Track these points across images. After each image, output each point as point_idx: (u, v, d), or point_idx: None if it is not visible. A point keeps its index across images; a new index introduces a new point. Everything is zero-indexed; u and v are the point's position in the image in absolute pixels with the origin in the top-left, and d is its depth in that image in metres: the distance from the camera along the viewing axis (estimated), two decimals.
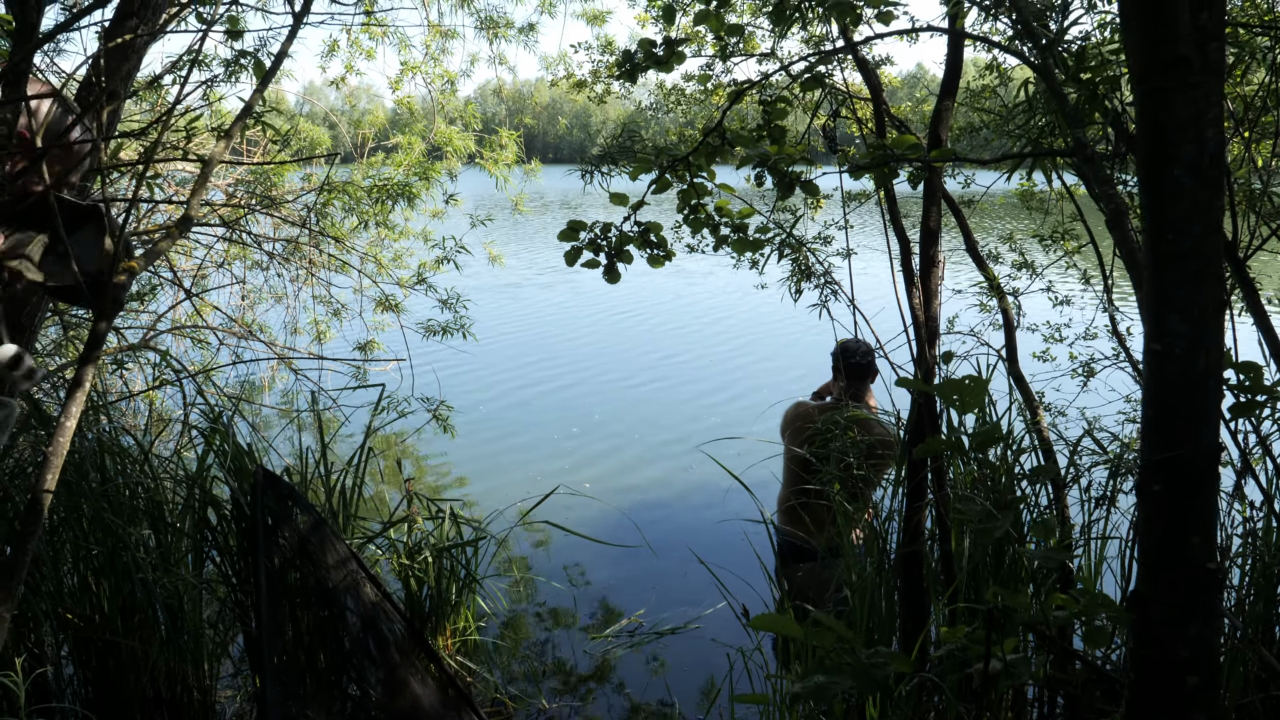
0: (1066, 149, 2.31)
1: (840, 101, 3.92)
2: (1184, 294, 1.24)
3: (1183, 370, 1.26)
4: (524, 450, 7.10)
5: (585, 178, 3.21)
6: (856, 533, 3.76)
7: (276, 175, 5.69)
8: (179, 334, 6.10)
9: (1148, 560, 1.35)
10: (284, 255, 6.05)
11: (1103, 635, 2.00)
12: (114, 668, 3.37)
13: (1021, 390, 3.67)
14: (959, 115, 4.30)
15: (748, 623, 3.74)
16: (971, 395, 1.53)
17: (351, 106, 6.88)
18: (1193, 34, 1.22)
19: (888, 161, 2.22)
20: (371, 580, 3.52)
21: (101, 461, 3.51)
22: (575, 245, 2.70)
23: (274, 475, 3.44)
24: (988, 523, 1.61)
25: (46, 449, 2.06)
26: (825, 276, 3.88)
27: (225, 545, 3.56)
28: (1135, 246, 1.85)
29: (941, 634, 2.05)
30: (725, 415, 7.97)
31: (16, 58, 1.94)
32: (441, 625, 3.93)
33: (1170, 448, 1.28)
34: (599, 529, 5.39)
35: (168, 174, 5.53)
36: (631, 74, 2.65)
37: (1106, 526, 3.45)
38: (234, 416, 4.02)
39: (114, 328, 5.39)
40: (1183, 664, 1.31)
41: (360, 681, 3.34)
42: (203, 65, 4.47)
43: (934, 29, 2.56)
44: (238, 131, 2.80)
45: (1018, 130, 3.01)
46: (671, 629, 4.30)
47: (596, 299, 14.06)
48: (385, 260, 6.15)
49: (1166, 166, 1.24)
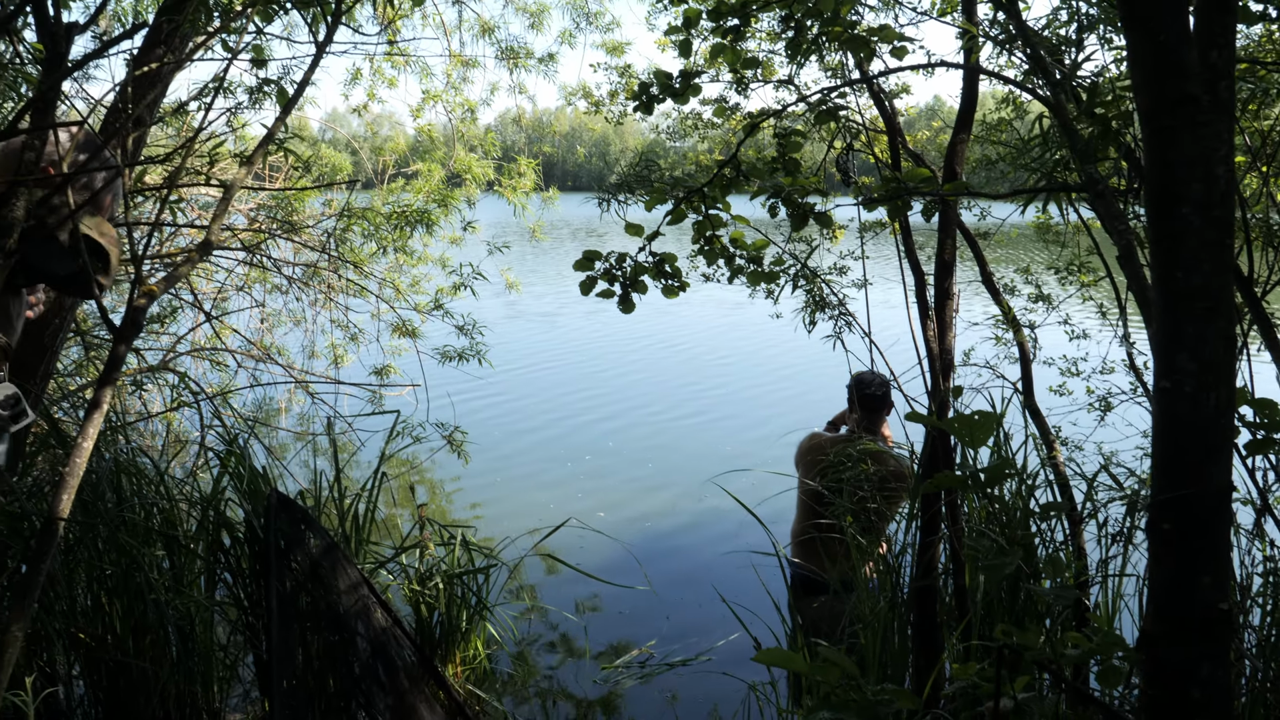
0: (1079, 184, 2.31)
1: (855, 134, 3.93)
2: (1193, 332, 1.24)
3: (1192, 408, 1.25)
4: (537, 478, 7.10)
5: (602, 205, 3.23)
6: (869, 567, 3.73)
7: (297, 201, 5.75)
8: (198, 356, 6.15)
9: (1157, 600, 1.34)
10: (303, 280, 6.11)
11: (1118, 675, 1.98)
12: (124, 688, 3.38)
13: (1038, 424, 3.64)
14: (975, 148, 4.31)
15: (754, 657, 3.72)
16: (981, 430, 1.53)
17: (373, 133, 6.96)
18: (1202, 72, 1.23)
19: (902, 195, 2.23)
20: (382, 605, 3.52)
21: (118, 482, 3.54)
22: (590, 275, 2.71)
23: (288, 498, 3.46)
24: (998, 559, 1.59)
25: (63, 469, 2.08)
26: (840, 308, 3.88)
27: (238, 568, 3.57)
28: (1146, 283, 1.84)
29: (953, 670, 2.03)
30: (738, 445, 7.95)
31: (46, 86, 1.97)
32: (451, 652, 3.92)
33: (1180, 486, 1.27)
34: (610, 559, 5.38)
35: (191, 198, 5.60)
36: (648, 106, 2.68)
37: (1124, 563, 3.42)
38: (250, 439, 4.04)
39: (134, 349, 5.44)
40: (1194, 706, 1.30)
41: (369, 707, 3.33)
42: (227, 92, 4.54)
43: (948, 64, 2.57)
44: (260, 157, 2.83)
45: (1033, 164, 3.01)
46: (683, 660, 4.28)
47: (611, 328, 14.09)
48: (403, 286, 6.20)
49: (1175, 205, 1.24)
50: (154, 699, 3.40)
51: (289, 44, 3.82)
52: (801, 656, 1.59)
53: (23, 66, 2.85)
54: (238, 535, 3.58)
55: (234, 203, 5.37)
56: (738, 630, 4.32)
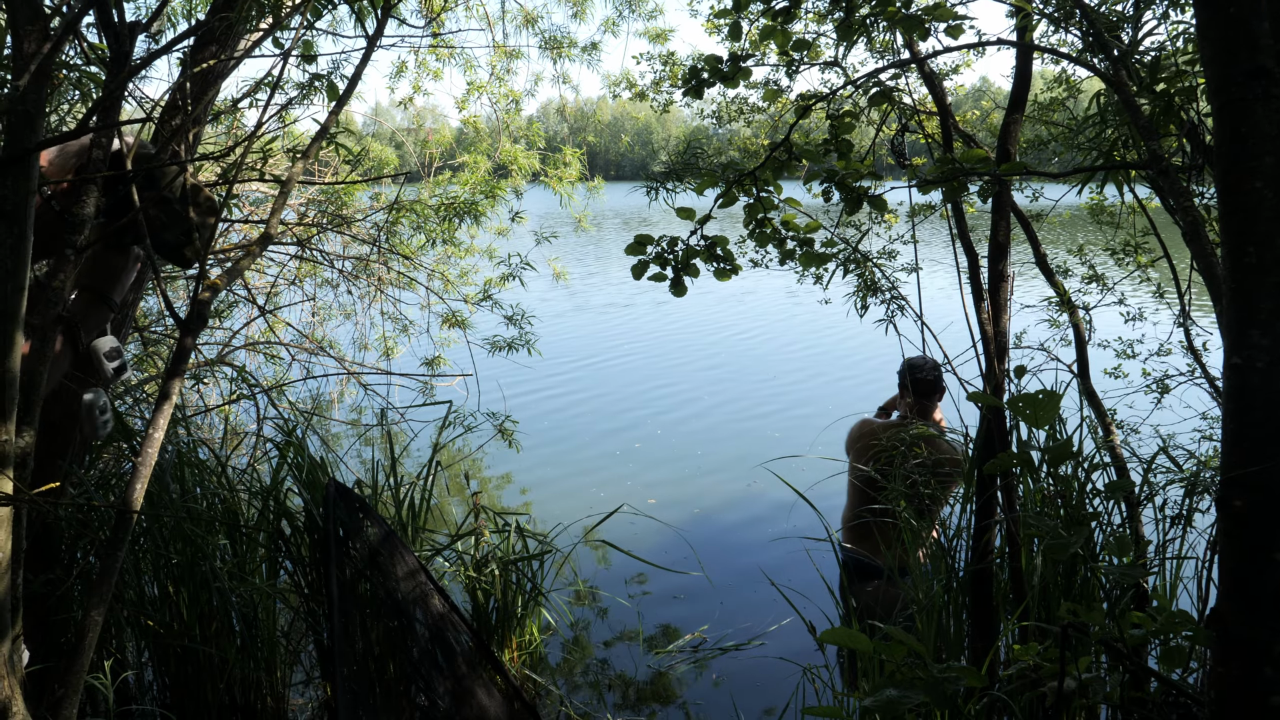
0: (1140, 161, 2.27)
1: (909, 116, 3.90)
2: (1267, 307, 1.23)
3: (1265, 384, 1.24)
4: (587, 465, 7.14)
5: (650, 194, 3.24)
6: (922, 551, 3.72)
7: (346, 195, 5.83)
8: (253, 350, 6.27)
9: (1228, 578, 1.33)
10: (353, 273, 6.19)
11: (1180, 655, 1.96)
12: (191, 674, 3.47)
13: (1094, 406, 3.61)
14: (1027, 128, 4.26)
15: (816, 637, 3.72)
16: (1046, 409, 1.52)
17: (418, 126, 7.02)
18: (1274, 44, 1.21)
19: (956, 176, 2.21)
20: (439, 592, 3.57)
21: (181, 473, 3.63)
22: (642, 259, 2.72)
23: (345, 488, 3.52)
24: (1060, 539, 1.59)
25: (135, 460, 2.14)
26: (892, 291, 3.86)
27: (298, 556, 3.64)
28: (1214, 260, 1.82)
29: (1014, 651, 2.03)
30: (787, 431, 7.93)
31: (112, 85, 2.02)
32: (507, 638, 3.97)
33: (1252, 463, 1.26)
34: (661, 545, 5.40)
35: (242, 194, 5.70)
36: (698, 90, 2.68)
37: (1183, 546, 3.37)
38: (306, 430, 4.11)
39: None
40: (1266, 684, 1.29)
41: (428, 691, 3.39)
42: (280, 89, 4.61)
43: (1003, 42, 2.54)
44: (315, 151, 2.88)
45: (1088, 143, 2.97)
46: (735, 645, 4.29)
47: (658, 318, 14.10)
48: (452, 277, 6.26)
49: (1247, 179, 1.22)
50: (220, 684, 3.49)
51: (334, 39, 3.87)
52: (865, 637, 1.60)
53: (86, 67, 2.92)
54: (297, 524, 3.66)
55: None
56: (789, 615, 4.34)
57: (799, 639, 4.22)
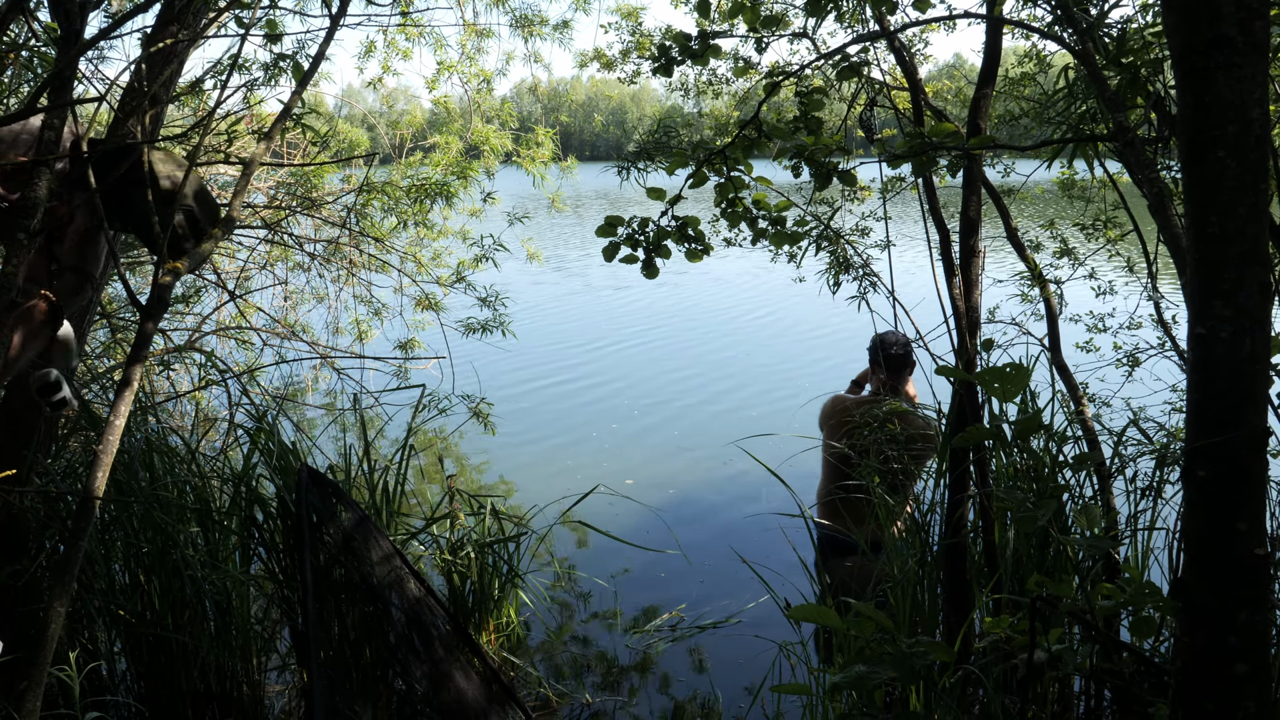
0: (1108, 134, 2.27)
1: (878, 90, 3.89)
2: (1229, 277, 1.22)
3: (1228, 354, 1.24)
4: (563, 447, 7.13)
5: (622, 174, 3.22)
6: (898, 525, 3.74)
7: (316, 177, 5.77)
8: (223, 335, 6.21)
9: (1193, 547, 1.33)
10: (325, 256, 6.13)
11: (1150, 626, 1.98)
12: (165, 663, 3.44)
13: (1065, 380, 3.63)
14: (997, 103, 4.25)
15: (787, 613, 3.74)
16: (1014, 383, 1.52)
17: (389, 107, 6.95)
18: (1236, 12, 1.20)
19: (926, 150, 2.21)
20: (415, 576, 3.56)
21: (150, 461, 3.58)
22: (614, 240, 2.71)
23: (318, 473, 3.49)
24: (1032, 510, 1.59)
25: (97, 448, 2.11)
26: (864, 268, 3.86)
27: (271, 542, 3.62)
28: (1179, 231, 1.82)
29: (985, 624, 2.04)
30: (763, 410, 7.95)
31: (62, 64, 1.98)
32: (484, 620, 3.96)
33: (1216, 432, 1.26)
34: (638, 525, 5.40)
35: (209, 178, 5.62)
36: (667, 68, 2.66)
37: (1153, 518, 3.41)
38: (278, 416, 4.07)
39: (160, 330, 5.49)
40: (1231, 652, 1.30)
41: (405, 675, 3.38)
42: (242, 69, 4.54)
43: (972, 15, 2.54)
44: (278, 133, 2.84)
45: (1057, 117, 2.97)
46: (713, 623, 4.30)
47: (633, 296, 14.08)
48: (425, 259, 6.21)
49: (1210, 149, 1.22)
50: (194, 672, 3.46)
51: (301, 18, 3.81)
52: (835, 613, 1.60)
53: (38, 47, 2.86)
54: (270, 510, 3.63)
55: (253, 181, 5.39)
56: (766, 592, 4.36)
57: (776, 616, 4.24)
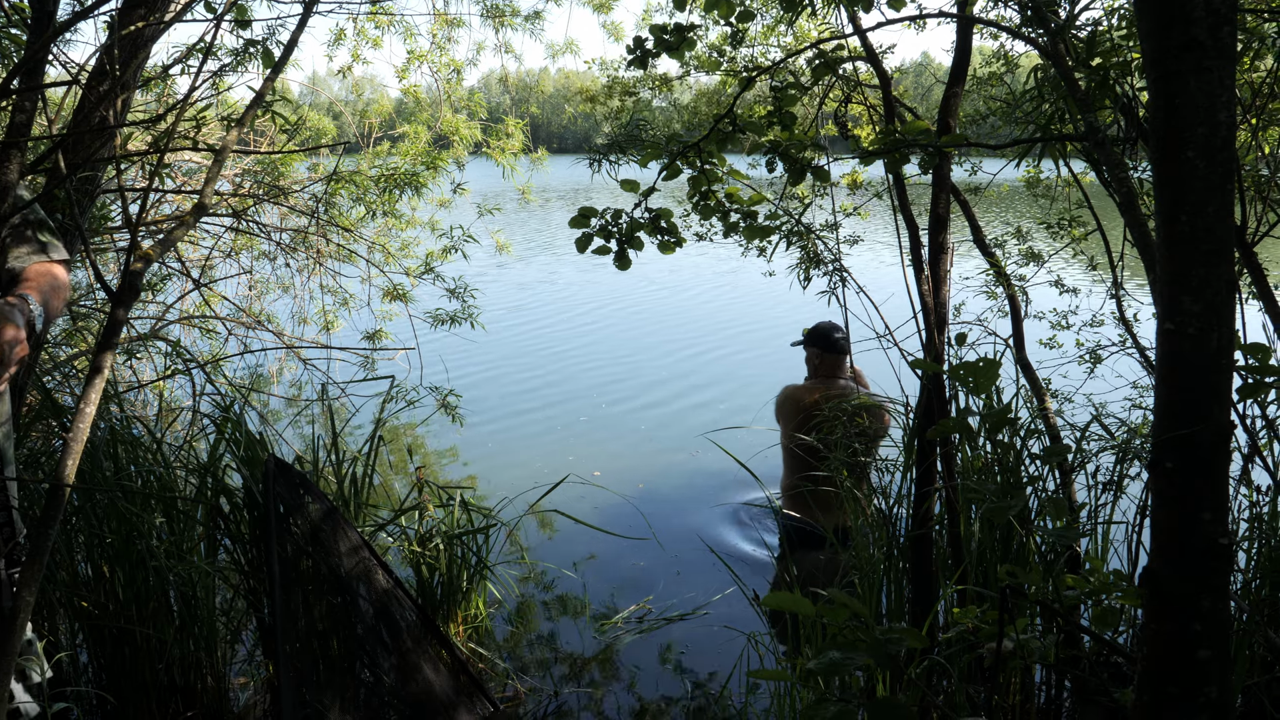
0: (1078, 134, 2.32)
1: (850, 88, 3.92)
2: (1198, 274, 1.26)
3: (1196, 349, 1.28)
4: (532, 439, 7.12)
5: (593, 166, 3.22)
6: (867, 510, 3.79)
7: (283, 165, 5.71)
8: (188, 324, 6.13)
9: (1160, 537, 1.37)
10: (291, 245, 6.08)
11: (1113, 616, 2.03)
12: (129, 655, 3.40)
13: (1028, 377, 3.69)
14: (966, 103, 4.31)
15: (759, 602, 3.77)
16: (984, 377, 1.55)
17: (357, 96, 6.89)
18: (1206, 17, 1.24)
19: (898, 147, 2.24)
20: (383, 567, 3.55)
21: (114, 450, 3.54)
22: (586, 232, 2.71)
23: (286, 464, 3.47)
24: (1002, 503, 1.62)
25: (66, 435, 2.08)
26: (835, 263, 3.90)
27: (238, 533, 3.59)
28: (1147, 231, 1.86)
29: (953, 614, 2.07)
30: (732, 403, 7.99)
31: (35, 47, 1.95)
32: (453, 612, 3.96)
33: (1183, 425, 1.30)
34: (607, 517, 5.42)
35: (175, 164, 5.55)
36: (643, 60, 2.67)
37: (1114, 511, 3.48)
38: (244, 406, 4.04)
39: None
40: (1195, 638, 1.33)
41: (373, 667, 3.37)
42: (212, 55, 4.48)
43: (944, 14, 2.57)
44: (250, 120, 2.81)
45: (1026, 117, 3.02)
46: (680, 615, 4.33)
47: (602, 288, 14.08)
48: (393, 250, 6.17)
49: (1180, 149, 1.25)
50: (158, 665, 3.43)
51: (270, 4, 3.77)
52: (808, 601, 1.62)
53: (7, 29, 2.81)
54: (237, 501, 3.60)
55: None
56: (734, 584, 4.39)
57: (744, 607, 4.27)
